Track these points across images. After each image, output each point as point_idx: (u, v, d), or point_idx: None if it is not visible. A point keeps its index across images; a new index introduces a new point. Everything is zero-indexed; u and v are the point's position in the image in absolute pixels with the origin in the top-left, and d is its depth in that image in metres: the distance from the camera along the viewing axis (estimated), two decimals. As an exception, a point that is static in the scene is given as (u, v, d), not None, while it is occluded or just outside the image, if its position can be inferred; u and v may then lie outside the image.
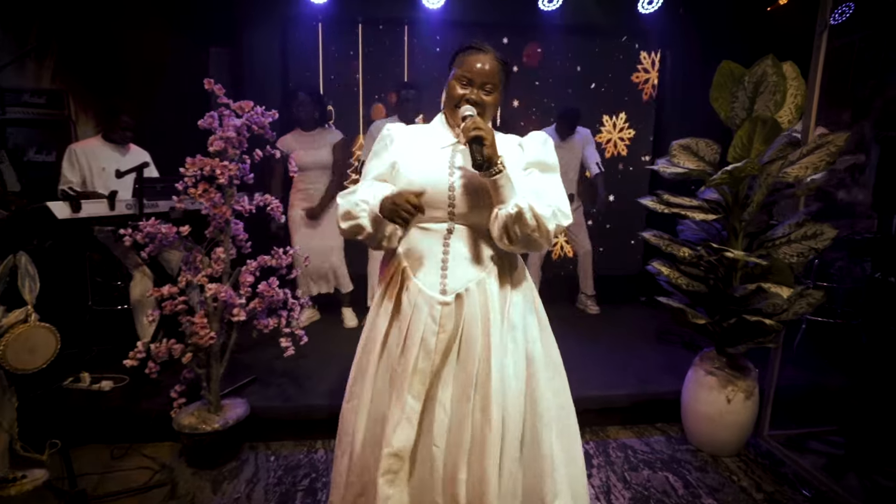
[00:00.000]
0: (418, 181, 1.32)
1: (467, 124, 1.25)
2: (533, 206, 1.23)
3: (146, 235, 2.11)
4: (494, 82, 1.35)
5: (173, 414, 2.24)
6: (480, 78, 1.33)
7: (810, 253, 1.96)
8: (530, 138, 1.42)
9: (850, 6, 3.47)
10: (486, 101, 1.35)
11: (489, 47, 1.37)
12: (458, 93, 1.34)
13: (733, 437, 2.30)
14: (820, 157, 1.89)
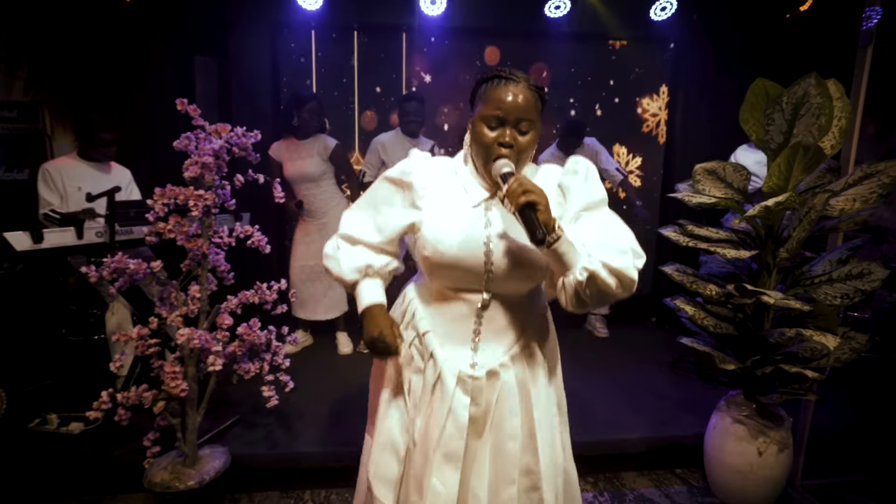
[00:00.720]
0: (449, 252, 1.10)
1: (512, 187, 1.00)
2: (607, 262, 1.01)
3: (113, 271, 1.89)
4: (531, 118, 1.09)
5: (146, 465, 2.02)
6: (514, 114, 1.08)
7: (857, 295, 1.75)
8: (570, 175, 1.16)
9: (876, 11, 3.25)
10: (523, 144, 1.10)
11: (521, 73, 1.11)
12: (489, 138, 1.09)
13: (765, 493, 2.08)
14: (870, 189, 1.67)
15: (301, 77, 3.59)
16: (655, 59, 3.88)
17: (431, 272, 1.15)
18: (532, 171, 1.20)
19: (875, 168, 1.70)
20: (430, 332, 1.17)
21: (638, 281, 1.05)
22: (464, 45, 3.70)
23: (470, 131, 1.15)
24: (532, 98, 1.10)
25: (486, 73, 1.14)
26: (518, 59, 3.75)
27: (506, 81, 1.09)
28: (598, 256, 1.01)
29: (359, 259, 1.21)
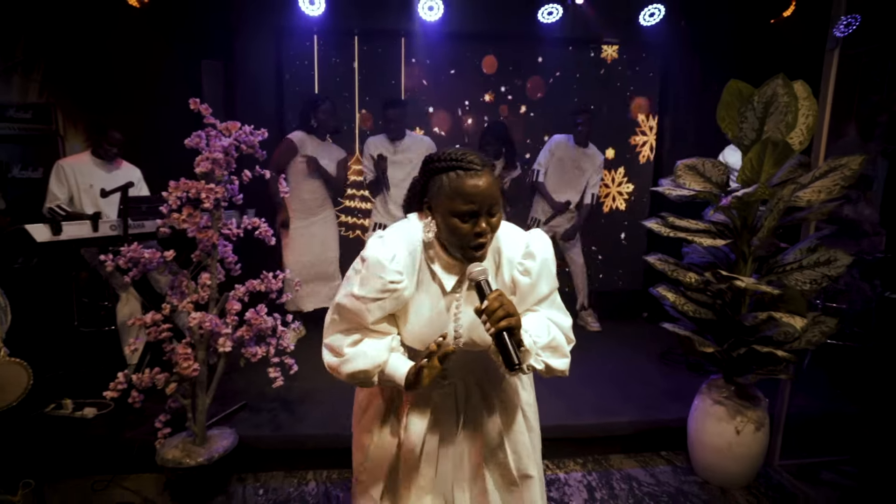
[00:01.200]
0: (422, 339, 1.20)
1: (493, 307, 1.05)
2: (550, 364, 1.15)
3: (129, 260, 2.02)
4: (498, 198, 1.12)
5: (157, 445, 2.14)
6: (486, 204, 1.10)
7: (824, 280, 1.87)
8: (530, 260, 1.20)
9: (855, 18, 3.39)
10: (495, 225, 1.14)
11: (478, 159, 1.12)
12: (464, 230, 1.10)
13: (743, 470, 2.21)
14: (834, 181, 1.80)
15: (304, 80, 3.73)
16: (644, 64, 4.02)
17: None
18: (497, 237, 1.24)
19: (838, 162, 1.83)
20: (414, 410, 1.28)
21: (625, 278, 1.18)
22: (460, 50, 3.84)
23: (438, 221, 1.15)
24: (493, 179, 1.12)
25: (441, 162, 1.13)
26: (512, 64, 3.89)
27: (468, 173, 1.10)
28: (544, 359, 1.14)
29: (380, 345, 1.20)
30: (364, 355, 1.16)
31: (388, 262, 1.13)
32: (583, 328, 3.92)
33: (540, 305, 1.22)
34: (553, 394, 2.75)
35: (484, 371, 1.29)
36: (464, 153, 1.12)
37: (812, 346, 1.99)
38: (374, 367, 1.15)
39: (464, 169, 1.10)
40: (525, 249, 1.21)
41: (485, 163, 1.12)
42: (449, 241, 1.15)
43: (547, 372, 1.16)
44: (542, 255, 1.20)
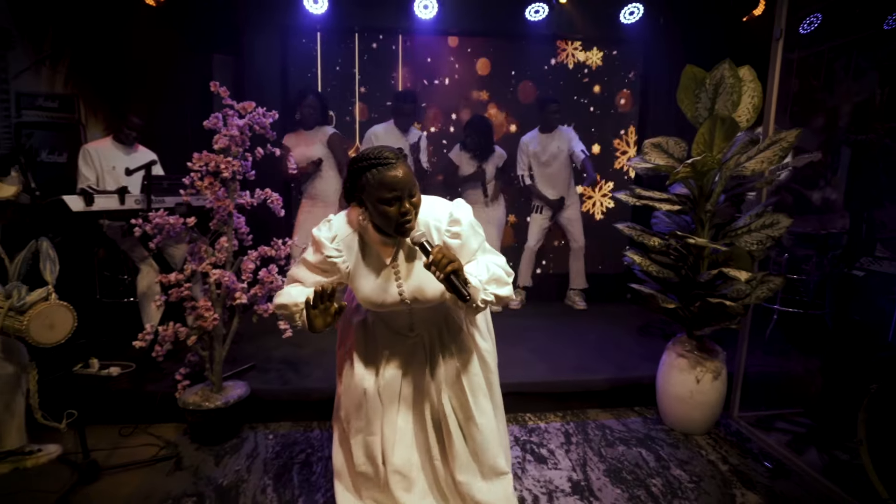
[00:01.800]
0: (376, 302, 1.49)
1: (437, 258, 1.30)
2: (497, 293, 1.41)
3: (155, 226, 2.27)
4: (413, 183, 1.37)
5: (178, 394, 2.39)
6: (406, 189, 1.35)
7: (768, 241, 2.13)
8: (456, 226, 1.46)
9: (817, 17, 3.67)
10: (417, 204, 1.39)
11: (391, 154, 1.37)
12: (393, 213, 1.35)
13: (703, 416, 2.46)
14: (774, 152, 2.07)
15: (307, 74, 4.00)
16: (625, 58, 4.28)
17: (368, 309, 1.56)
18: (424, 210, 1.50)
19: (779, 136, 2.09)
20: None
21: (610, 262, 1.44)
22: (452, 45, 4.11)
23: (370, 210, 1.40)
24: (407, 168, 1.37)
25: (363, 162, 1.36)
26: (501, 60, 4.16)
27: (386, 167, 1.33)
28: (492, 290, 1.40)
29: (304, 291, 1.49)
30: (288, 294, 1.48)
31: (328, 242, 1.45)
32: (570, 307, 4.17)
33: (474, 257, 1.49)
34: (538, 357, 3.01)
35: (445, 323, 1.60)
36: (379, 151, 1.37)
37: (760, 301, 2.25)
38: (291, 304, 1.45)
39: (382, 164, 1.34)
40: (450, 218, 1.47)
41: (397, 155, 1.38)
42: (382, 224, 1.41)
43: (497, 301, 1.43)
44: (466, 218, 1.47)
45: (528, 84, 4.22)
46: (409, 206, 1.36)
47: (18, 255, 1.92)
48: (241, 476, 2.13)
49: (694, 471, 2.20)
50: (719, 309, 2.19)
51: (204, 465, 2.21)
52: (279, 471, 2.17)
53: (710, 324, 2.34)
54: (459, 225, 1.45)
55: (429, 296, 1.46)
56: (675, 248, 2.35)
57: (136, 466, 2.18)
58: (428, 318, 1.58)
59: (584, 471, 2.19)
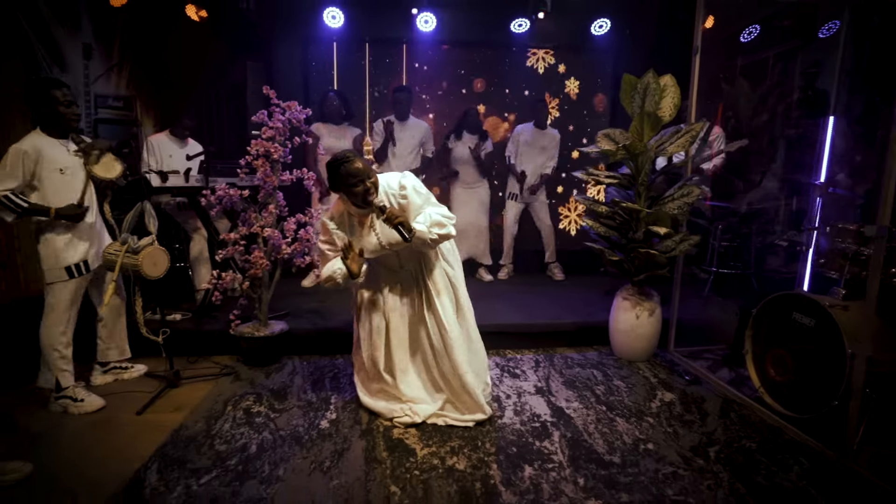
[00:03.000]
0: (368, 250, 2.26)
1: (390, 214, 2.07)
2: (439, 233, 2.17)
3: (217, 197, 2.97)
4: (367, 170, 2.14)
5: (232, 330, 3.08)
6: (362, 175, 2.12)
7: (685, 206, 2.83)
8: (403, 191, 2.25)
9: (756, 28, 4.36)
10: (376, 183, 2.17)
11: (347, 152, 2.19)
12: (359, 195, 2.14)
13: (643, 346, 3.15)
14: (686, 140, 2.76)
15: (325, 77, 4.69)
16: (597, 65, 4.97)
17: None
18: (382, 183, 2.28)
19: (690, 128, 2.78)
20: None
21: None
22: (448, 53, 4.80)
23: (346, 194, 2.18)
24: (361, 160, 2.15)
25: (333, 163, 2.15)
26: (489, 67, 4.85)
27: (348, 162, 2.12)
28: (435, 231, 2.14)
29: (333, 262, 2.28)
30: (326, 269, 2.27)
31: (328, 222, 2.30)
32: (549, 279, 4.86)
33: (422, 210, 2.24)
34: (518, 310, 3.70)
35: (423, 260, 2.37)
36: (342, 153, 2.18)
37: (683, 254, 2.94)
38: (331, 272, 2.24)
39: (345, 162, 2.13)
40: (398, 185, 2.27)
41: (351, 154, 2.17)
42: (355, 201, 2.19)
43: (440, 238, 2.19)
44: (410, 184, 2.27)
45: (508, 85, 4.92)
46: (368, 184, 2.13)
47: (128, 214, 2.60)
48: (287, 384, 2.82)
49: (630, 381, 2.89)
50: (650, 258, 2.88)
51: (257, 377, 2.90)
52: (315, 381, 2.86)
53: (645, 272, 3.02)
54: (405, 189, 2.26)
55: (396, 239, 2.19)
56: (619, 214, 3.03)
57: (206, 379, 2.87)
58: (409, 255, 2.35)
59: (547, 382, 2.88)
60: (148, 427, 2.36)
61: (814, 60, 4.13)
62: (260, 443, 2.21)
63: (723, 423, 2.41)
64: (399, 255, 2.34)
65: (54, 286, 2.44)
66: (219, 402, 2.59)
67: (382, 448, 2.18)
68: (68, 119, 2.43)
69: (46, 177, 2.39)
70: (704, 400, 2.66)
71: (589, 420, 2.44)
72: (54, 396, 2.48)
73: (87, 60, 3.61)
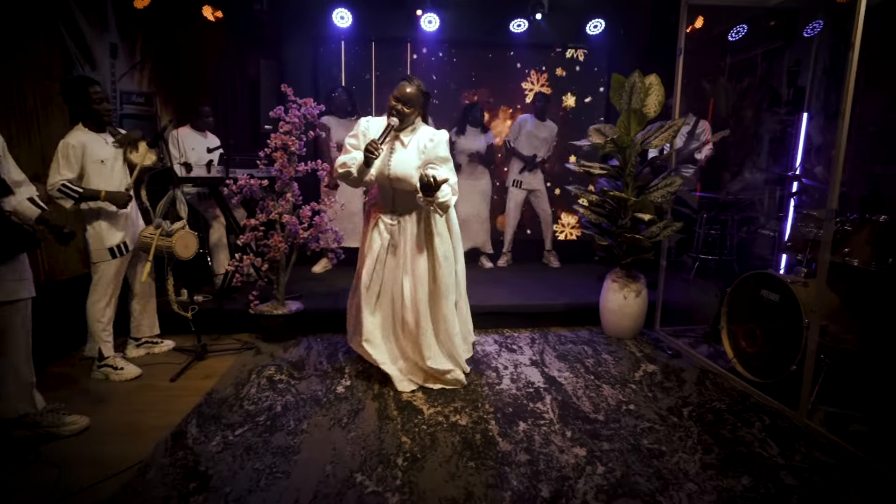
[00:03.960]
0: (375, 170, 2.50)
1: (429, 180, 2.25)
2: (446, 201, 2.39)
3: (239, 187, 3.23)
4: (411, 97, 2.44)
5: (252, 309, 3.35)
6: (402, 97, 2.43)
7: (668, 195, 3.09)
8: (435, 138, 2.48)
9: (743, 27, 4.60)
10: (403, 110, 2.44)
11: (410, 77, 2.49)
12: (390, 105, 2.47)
13: (630, 325, 3.42)
14: (669, 134, 3.02)
15: (333, 75, 4.94)
16: (593, 63, 5.22)
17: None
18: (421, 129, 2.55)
19: (672, 123, 3.04)
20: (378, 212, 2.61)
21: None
22: (451, 52, 5.05)
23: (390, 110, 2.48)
24: (414, 88, 2.44)
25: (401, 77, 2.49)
26: (490, 66, 5.10)
27: (402, 83, 2.45)
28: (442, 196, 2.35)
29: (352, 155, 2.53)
30: (343, 158, 2.51)
31: (363, 123, 2.58)
32: (546, 265, 5.13)
33: (443, 165, 2.46)
34: (515, 293, 3.97)
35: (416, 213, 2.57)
36: (409, 76, 2.48)
37: (667, 238, 3.21)
38: (348, 159, 2.49)
39: (403, 80, 2.47)
40: (431, 134, 2.51)
41: (412, 79, 2.47)
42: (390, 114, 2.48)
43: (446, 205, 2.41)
44: (440, 136, 2.50)
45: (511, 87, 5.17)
46: (399, 105, 2.44)
47: (161, 200, 2.87)
48: (304, 357, 3.10)
49: (617, 356, 3.16)
50: (637, 242, 3.14)
51: (276, 352, 3.17)
52: (329, 354, 3.14)
53: (632, 255, 3.29)
54: (436, 137, 2.49)
55: (399, 175, 2.44)
56: (608, 202, 3.30)
57: (230, 353, 3.15)
58: (404, 202, 2.55)
59: (542, 356, 3.15)
60: (183, 391, 2.64)
61: (796, 59, 4.38)
62: (284, 404, 2.48)
63: (697, 390, 2.68)
64: (394, 194, 2.54)
65: (100, 265, 2.71)
66: (244, 371, 2.86)
67: (393, 408, 2.45)
68: (102, 114, 2.68)
69: (90, 167, 2.65)
70: (683, 370, 2.93)
71: (578, 386, 2.71)
72: (97, 365, 2.75)
73: (114, 59, 3.86)
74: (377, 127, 2.53)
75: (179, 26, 4.43)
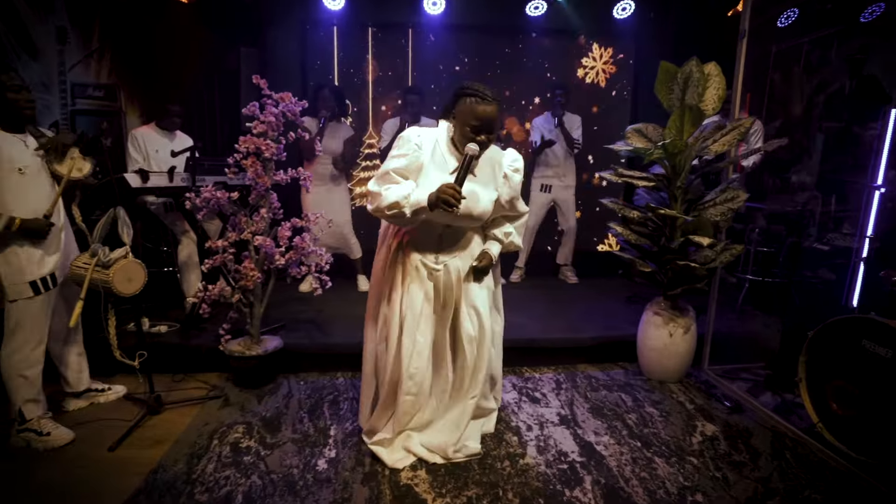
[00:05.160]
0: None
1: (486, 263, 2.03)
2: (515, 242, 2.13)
3: (204, 199, 2.65)
4: (496, 123, 1.84)
5: (222, 346, 2.78)
6: (487, 123, 1.81)
7: (729, 212, 2.50)
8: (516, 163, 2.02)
9: (794, 12, 3.98)
10: (491, 139, 1.86)
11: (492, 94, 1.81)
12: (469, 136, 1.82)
13: (676, 366, 2.84)
14: (733, 136, 2.42)
15: (324, 65, 4.34)
16: (619, 51, 4.61)
17: None
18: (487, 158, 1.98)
19: (737, 123, 2.44)
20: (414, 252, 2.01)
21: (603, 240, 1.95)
22: (459, 39, 4.44)
23: (457, 126, 1.86)
24: (497, 109, 1.81)
25: (468, 90, 1.81)
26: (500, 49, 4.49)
27: (483, 101, 1.78)
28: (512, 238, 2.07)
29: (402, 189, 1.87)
30: (394, 191, 1.82)
31: (415, 138, 1.90)
32: (563, 281, 4.54)
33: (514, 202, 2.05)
34: (534, 321, 3.39)
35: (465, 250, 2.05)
36: (484, 87, 1.81)
37: (723, 265, 2.62)
38: (401, 198, 1.81)
39: (480, 98, 1.79)
40: (512, 158, 2.04)
41: (495, 96, 1.82)
42: (459, 140, 1.88)
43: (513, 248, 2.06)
44: (519, 160, 2.06)
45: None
46: (484, 138, 1.81)
47: (99, 221, 2.29)
48: (281, 410, 2.53)
49: (664, 408, 2.59)
50: (688, 271, 2.56)
51: (248, 402, 2.60)
52: (312, 407, 2.57)
53: (681, 285, 2.71)
54: (519, 164, 2.04)
55: (476, 211, 1.89)
56: (652, 220, 2.71)
57: (191, 403, 2.58)
58: (453, 238, 1.99)
59: (572, 408, 2.58)
60: (121, 467, 2.07)
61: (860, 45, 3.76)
62: (247, 490, 1.92)
63: (778, 466, 2.11)
64: (442, 237, 1.99)
65: (17, 305, 2.14)
66: (203, 433, 2.30)
67: (389, 498, 1.88)
68: (21, 107, 2.10)
69: (4, 179, 2.07)
70: (751, 434, 2.35)
71: (624, 460, 2.14)
72: (17, 429, 2.19)
73: (62, 45, 3.26)
74: (431, 144, 1.92)
75: (146, 10, 3.84)
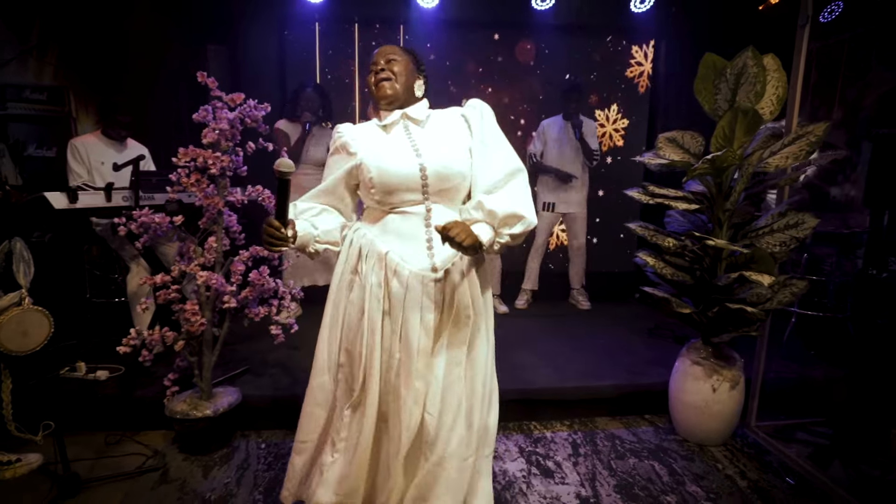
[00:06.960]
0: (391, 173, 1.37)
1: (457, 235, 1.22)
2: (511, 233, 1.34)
3: (140, 225, 2.15)
4: (393, 52, 1.47)
5: (166, 401, 2.27)
6: (382, 55, 1.47)
7: (792, 242, 1.99)
8: (470, 108, 1.48)
9: (839, 5, 3.50)
10: (391, 68, 1.45)
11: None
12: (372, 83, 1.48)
13: (719, 427, 2.32)
14: (800, 147, 1.92)
15: (305, 65, 3.86)
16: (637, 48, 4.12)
17: (381, 197, 1.40)
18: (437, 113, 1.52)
19: (806, 130, 1.94)
20: (390, 251, 1.39)
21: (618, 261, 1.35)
22: (456, 36, 3.95)
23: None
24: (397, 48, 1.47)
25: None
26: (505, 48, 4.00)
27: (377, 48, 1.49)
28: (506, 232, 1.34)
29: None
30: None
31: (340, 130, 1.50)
32: (573, 306, 4.04)
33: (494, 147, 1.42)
34: (543, 362, 2.88)
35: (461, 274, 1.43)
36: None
37: (783, 306, 2.11)
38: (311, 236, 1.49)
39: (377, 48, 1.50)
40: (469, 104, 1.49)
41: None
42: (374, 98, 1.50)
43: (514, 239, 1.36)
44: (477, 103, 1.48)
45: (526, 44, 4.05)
46: (383, 63, 1.45)
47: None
48: (230, 490, 2.01)
49: (711, 487, 2.06)
50: (738, 315, 2.04)
51: (191, 477, 2.09)
52: (270, 484, 2.05)
53: (727, 330, 2.20)
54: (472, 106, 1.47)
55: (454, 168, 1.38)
56: (690, 250, 2.20)
57: (119, 479, 2.07)
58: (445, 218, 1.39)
59: (594, 486, 2.06)
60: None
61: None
62: None
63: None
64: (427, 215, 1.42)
65: None
66: (124, 531, 1.78)
67: None
68: None
69: None
70: (829, 529, 1.83)
71: (670, 577, 1.62)
72: None
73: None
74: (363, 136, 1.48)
75: (100, 1, 3.36)
